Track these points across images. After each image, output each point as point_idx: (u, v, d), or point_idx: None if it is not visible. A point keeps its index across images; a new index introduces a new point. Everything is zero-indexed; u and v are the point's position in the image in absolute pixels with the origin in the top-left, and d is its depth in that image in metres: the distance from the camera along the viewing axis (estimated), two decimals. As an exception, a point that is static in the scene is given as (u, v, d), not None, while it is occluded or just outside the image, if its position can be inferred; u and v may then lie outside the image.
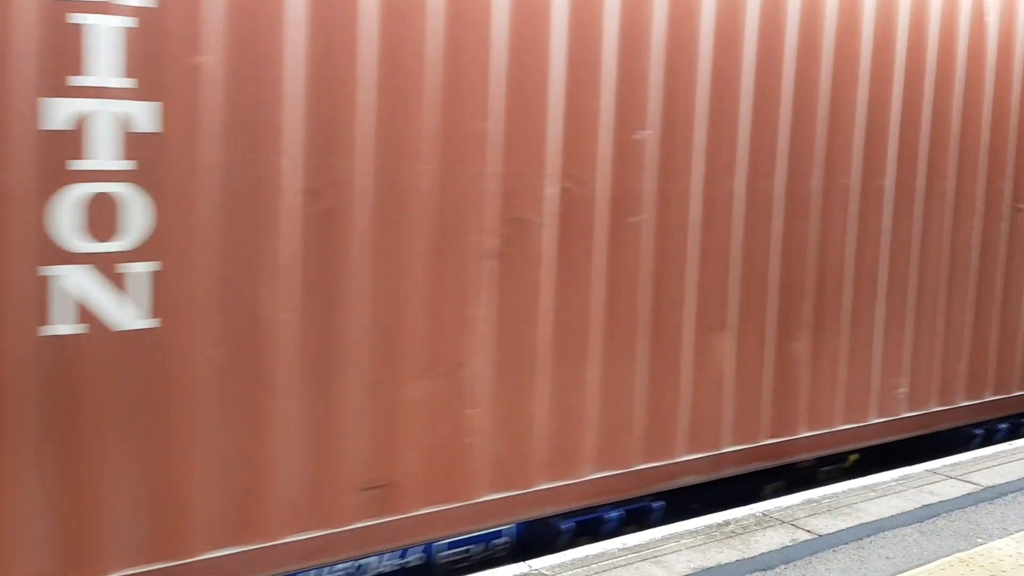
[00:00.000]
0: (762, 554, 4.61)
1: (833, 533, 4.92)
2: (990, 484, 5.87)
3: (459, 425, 4.43)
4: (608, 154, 4.80)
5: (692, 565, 4.45)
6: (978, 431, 7.24)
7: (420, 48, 4.16)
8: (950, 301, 6.78)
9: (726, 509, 5.29)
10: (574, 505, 4.94)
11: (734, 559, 4.54)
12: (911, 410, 6.61)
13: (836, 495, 5.57)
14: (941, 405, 6.82)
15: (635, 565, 4.43)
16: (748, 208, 5.46)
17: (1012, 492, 5.72)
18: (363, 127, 4.04)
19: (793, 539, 4.82)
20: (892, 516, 5.21)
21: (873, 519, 5.16)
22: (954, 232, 6.70)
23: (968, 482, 5.90)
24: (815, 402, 5.97)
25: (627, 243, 4.93)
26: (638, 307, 5.02)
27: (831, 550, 4.69)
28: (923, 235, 6.48)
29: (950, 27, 6.48)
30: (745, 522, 5.06)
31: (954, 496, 5.61)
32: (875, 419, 6.35)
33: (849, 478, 6.23)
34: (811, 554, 4.62)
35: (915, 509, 5.34)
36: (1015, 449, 6.78)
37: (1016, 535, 4.99)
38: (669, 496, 5.44)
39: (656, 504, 5.35)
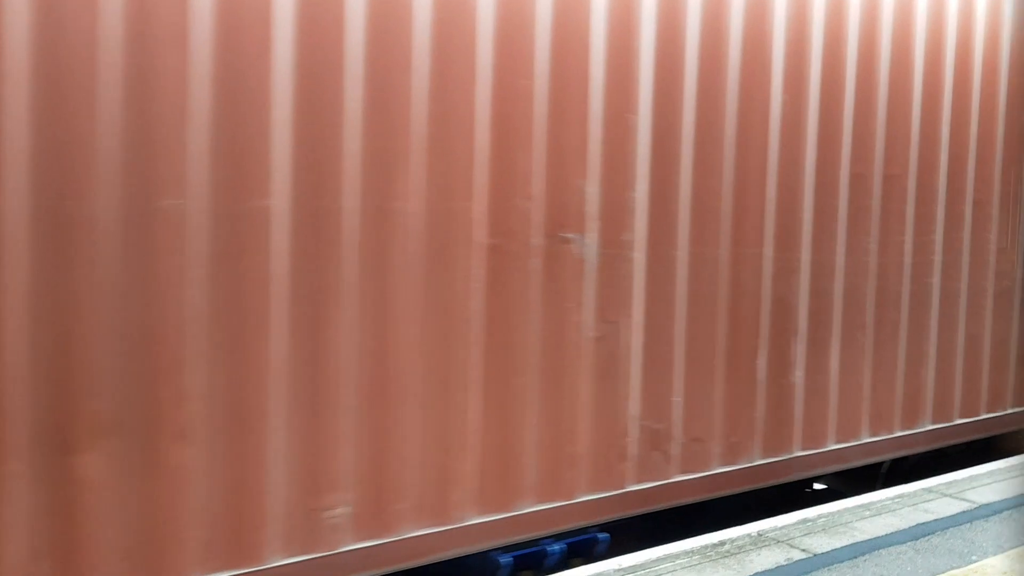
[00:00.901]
0: (757, 573, 4.62)
1: (828, 552, 4.94)
2: (985, 502, 5.88)
3: None
4: None
5: (687, 585, 4.47)
6: (505, 558, 4.76)
7: None
8: (427, 372, 4.35)
9: None
10: None
11: (729, 579, 4.56)
12: (362, 540, 4.26)
13: (831, 514, 5.59)
14: (434, 526, 4.46)
15: (630, 586, 4.45)
16: (50, 242, 3.39)
17: (1007, 509, 5.73)
18: None
19: (788, 558, 4.84)
20: (887, 534, 5.23)
21: (868, 537, 5.17)
22: (442, 273, 4.37)
23: (963, 500, 5.92)
24: (137, 547, 3.60)
25: None
26: None
27: (826, 569, 4.70)
28: (378, 280, 4.18)
29: None
30: (740, 542, 5.07)
31: (949, 514, 5.62)
32: (280, 560, 4.02)
33: None
34: (805, 573, 4.64)
35: (910, 527, 5.36)
36: (1011, 467, 6.80)
37: (1010, 552, 5.00)
38: None
39: None
